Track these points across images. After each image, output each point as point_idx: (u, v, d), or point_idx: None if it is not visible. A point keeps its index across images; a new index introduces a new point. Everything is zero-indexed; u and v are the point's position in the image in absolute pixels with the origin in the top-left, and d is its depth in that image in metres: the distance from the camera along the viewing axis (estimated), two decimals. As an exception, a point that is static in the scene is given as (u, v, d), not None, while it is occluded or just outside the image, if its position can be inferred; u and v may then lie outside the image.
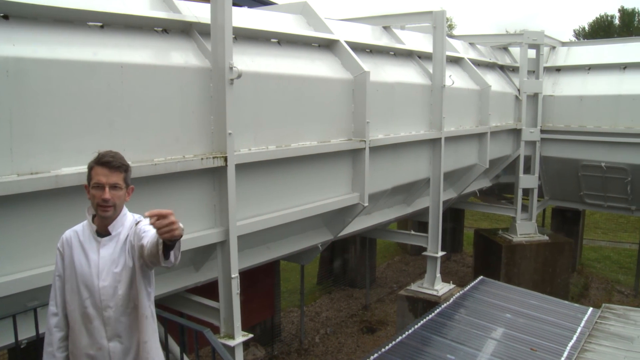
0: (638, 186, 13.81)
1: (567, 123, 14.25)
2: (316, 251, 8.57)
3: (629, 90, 13.44)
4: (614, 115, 13.60)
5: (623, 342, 8.09)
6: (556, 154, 14.50)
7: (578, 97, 14.09)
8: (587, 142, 14.04)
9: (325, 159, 7.34)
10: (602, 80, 14.03)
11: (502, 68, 14.25)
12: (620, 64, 13.93)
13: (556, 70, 14.80)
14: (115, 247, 3.63)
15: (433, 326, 8.33)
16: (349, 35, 8.49)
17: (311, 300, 15.25)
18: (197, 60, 5.62)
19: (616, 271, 18.82)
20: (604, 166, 13.90)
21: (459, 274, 17.54)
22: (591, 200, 15.02)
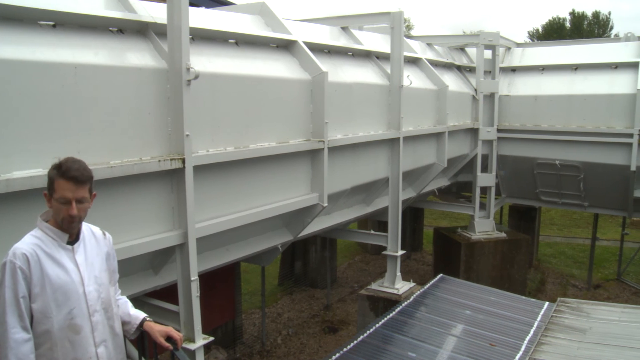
0: (590, 183, 14.16)
1: (523, 122, 14.52)
2: (276, 252, 8.55)
3: (580, 90, 13.78)
4: (567, 115, 13.93)
5: (577, 334, 8.30)
6: (512, 153, 14.76)
7: (533, 97, 14.38)
8: (541, 140, 14.34)
9: (284, 159, 7.32)
10: (555, 81, 14.35)
11: (459, 68, 14.44)
12: (572, 65, 14.27)
13: (512, 71, 15.07)
14: (86, 250, 3.70)
15: (394, 324, 8.38)
16: (307, 35, 8.49)
17: (272, 302, 15.21)
18: (153, 61, 5.55)
19: (571, 266, 19.28)
20: (558, 164, 14.21)
21: (419, 273, 17.71)
22: (546, 197, 15.34)
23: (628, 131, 13.04)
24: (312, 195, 7.85)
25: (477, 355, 7.58)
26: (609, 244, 20.81)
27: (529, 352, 7.68)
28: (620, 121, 13.25)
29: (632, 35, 14.68)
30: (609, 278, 17.93)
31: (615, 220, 22.04)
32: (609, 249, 20.35)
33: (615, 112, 13.30)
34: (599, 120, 13.53)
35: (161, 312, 6.25)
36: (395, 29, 9.84)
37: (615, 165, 13.47)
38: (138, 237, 5.34)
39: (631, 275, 18.00)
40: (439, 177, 13.20)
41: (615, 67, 13.70)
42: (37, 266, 3.45)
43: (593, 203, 14.90)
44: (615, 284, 17.46)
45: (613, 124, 13.36)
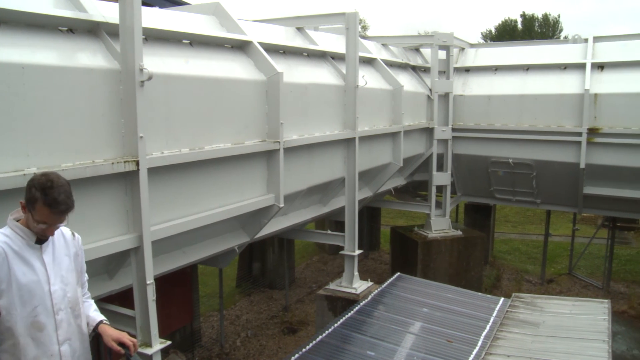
0: (542, 181, 14.50)
1: (477, 121, 14.76)
2: (233, 254, 8.50)
3: (531, 90, 14.09)
4: (519, 114, 14.22)
5: (530, 328, 8.49)
6: (467, 152, 15.00)
7: (486, 97, 14.63)
8: (495, 139, 14.60)
9: (239, 160, 7.28)
10: (507, 81, 14.63)
11: (414, 68, 14.59)
12: (524, 66, 14.58)
13: (465, 71, 15.31)
14: (54, 250, 3.78)
15: (353, 324, 8.41)
16: (262, 36, 8.46)
17: (231, 304, 15.12)
18: (105, 61, 5.45)
19: (525, 262, 19.71)
20: (511, 162, 14.49)
21: (377, 272, 17.83)
22: (501, 195, 15.63)
23: (577, 130, 13.39)
24: (268, 196, 7.82)
25: (435, 352, 7.67)
26: (561, 240, 21.32)
27: (485, 347, 7.81)
28: (570, 120, 13.59)
29: (579, 37, 15.07)
30: (561, 273, 18.39)
31: (567, 216, 22.57)
32: (561, 245, 20.85)
33: (565, 112, 13.64)
34: (550, 119, 13.86)
35: (117, 317, 6.14)
36: (350, 30, 9.88)
37: (566, 163, 13.81)
38: (92, 241, 5.24)
39: (582, 269, 18.50)
40: (395, 177, 13.31)
41: (565, 68, 14.05)
42: (4, 263, 3.52)
43: (545, 200, 15.26)
44: (567, 278, 17.92)
45: (563, 123, 13.70)
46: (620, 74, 13.34)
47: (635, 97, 12.85)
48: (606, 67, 13.57)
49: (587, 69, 13.51)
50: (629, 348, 12.92)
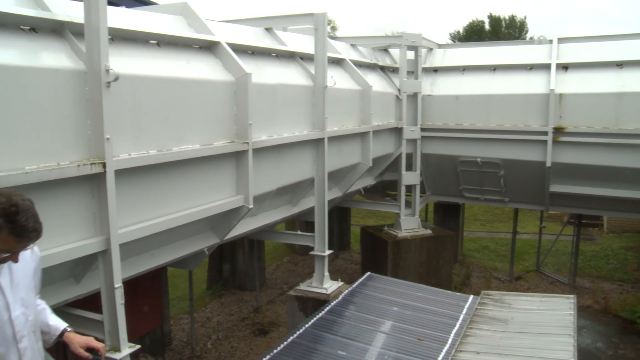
0: (510, 179, 14.69)
1: (445, 121, 14.89)
2: (203, 256, 8.43)
3: (499, 90, 14.27)
4: (487, 113, 14.39)
5: (499, 325, 8.59)
6: (436, 151, 15.13)
7: (454, 97, 14.77)
8: (463, 139, 14.75)
9: (208, 162, 7.23)
10: (475, 81, 14.80)
11: (383, 69, 14.67)
12: (491, 66, 14.76)
13: (434, 71, 15.43)
14: (11, 272, 3.37)
15: (324, 324, 8.41)
16: (230, 36, 8.43)
17: (201, 306, 15.03)
18: (70, 62, 5.36)
19: (494, 259, 19.94)
20: (479, 161, 14.66)
21: (348, 271, 17.87)
22: (469, 194, 15.80)
23: (543, 129, 13.61)
24: (237, 197, 7.78)
25: (406, 350, 7.70)
26: (529, 237, 21.61)
27: (455, 345, 7.88)
28: (536, 120, 13.80)
29: (544, 38, 15.30)
30: (529, 269, 18.66)
31: (534, 214, 22.91)
32: (529, 242, 21.14)
33: (531, 111, 13.85)
34: (517, 118, 14.05)
35: (84, 322, 6.05)
36: (319, 30, 9.87)
37: (533, 161, 14.02)
38: (57, 245, 5.15)
39: (549, 266, 18.80)
40: (364, 177, 13.36)
41: (530, 68, 14.27)
42: None
43: (513, 198, 15.46)
44: (535, 274, 18.20)
45: (530, 123, 13.91)
46: (583, 74, 13.60)
47: (598, 97, 13.12)
48: (570, 67, 13.82)
49: (552, 70, 13.75)
50: (593, 341, 13.22)
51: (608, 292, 16.22)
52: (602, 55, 13.66)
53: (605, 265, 19.27)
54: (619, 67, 13.34)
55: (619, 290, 16.65)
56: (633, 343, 13.20)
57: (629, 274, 18.21)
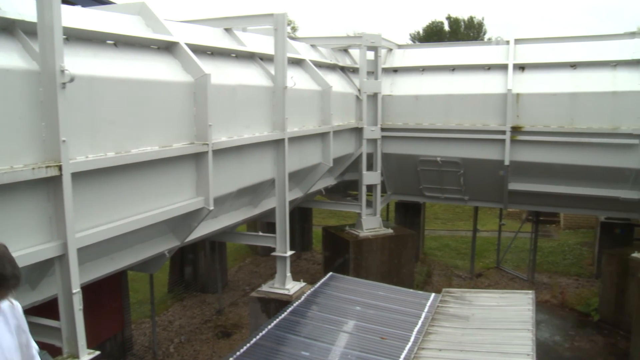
0: (469, 178, 14.89)
1: (405, 121, 15.01)
2: (163, 258, 8.34)
3: (457, 90, 14.46)
4: (446, 113, 14.56)
5: (461, 322, 8.72)
6: (396, 151, 15.23)
7: (414, 97, 14.89)
8: (423, 138, 14.89)
9: (168, 163, 7.15)
10: (434, 81, 14.95)
11: (343, 69, 14.70)
12: (450, 66, 14.94)
13: (393, 71, 15.53)
14: None
15: (286, 325, 8.39)
16: (189, 37, 8.35)
17: (163, 310, 14.85)
18: (23, 62, 5.23)
19: (455, 257, 20.20)
20: (439, 161, 14.81)
21: (310, 272, 17.88)
22: (430, 193, 15.95)
23: (501, 128, 13.84)
24: (197, 199, 7.72)
25: (369, 349, 7.74)
26: (489, 235, 21.93)
27: (417, 343, 7.95)
28: (494, 119, 14.02)
29: (501, 39, 15.55)
30: (489, 267, 18.94)
31: (493, 212, 23.25)
32: (489, 240, 21.45)
33: (490, 111, 14.06)
34: (476, 118, 14.24)
35: (41, 329, 5.91)
36: (279, 31, 9.85)
37: (491, 160, 14.24)
38: (12, 250, 5.01)
39: (508, 263, 19.11)
40: (325, 177, 13.38)
41: (488, 69, 14.48)
42: None
43: (473, 197, 15.68)
44: (495, 271, 18.49)
45: (488, 122, 14.11)
46: (540, 74, 13.88)
47: (554, 97, 13.42)
48: (527, 68, 14.09)
49: (509, 70, 13.98)
50: (551, 335, 13.55)
51: (565, 287, 16.60)
52: (557, 56, 13.97)
53: (562, 261, 19.70)
54: (572, 67, 13.65)
55: (575, 285, 17.05)
56: (588, 335, 13.59)
57: (584, 269, 18.66)
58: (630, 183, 13.38)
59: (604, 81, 13.19)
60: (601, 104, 13.05)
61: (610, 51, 13.62)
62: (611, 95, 12.95)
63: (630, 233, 16.20)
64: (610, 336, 13.48)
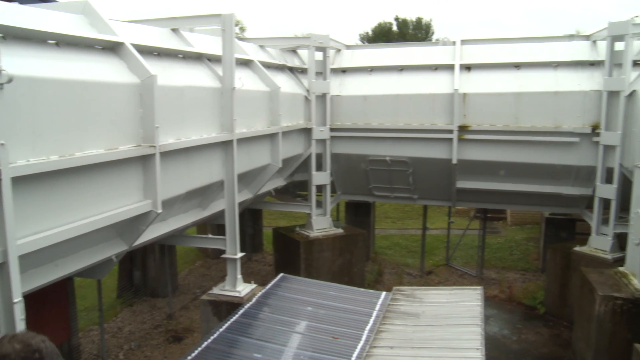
0: (418, 177, 15.08)
1: (354, 121, 15.10)
2: (111, 264, 8.15)
3: (405, 90, 14.62)
4: (395, 113, 14.71)
5: (411, 319, 8.83)
6: (345, 151, 15.31)
7: (363, 97, 14.99)
8: (372, 138, 15.02)
9: (114, 166, 7.01)
10: (383, 81, 15.09)
11: (292, 70, 14.69)
12: (398, 66, 15.09)
13: (342, 72, 15.60)
14: None
15: (238, 327, 8.34)
16: (135, 37, 8.20)
17: (112, 316, 14.56)
18: (-45, 62, 5.04)
19: (405, 255, 20.42)
20: (388, 160, 14.95)
21: (262, 273, 17.82)
22: (379, 192, 16.09)
23: (448, 127, 14.07)
24: (145, 202, 7.59)
25: (322, 349, 7.76)
26: (438, 233, 22.26)
27: (369, 341, 8.02)
28: (442, 118, 14.24)
29: (448, 40, 15.78)
30: (439, 264, 19.23)
31: (442, 210, 23.57)
32: (438, 237, 21.78)
33: (437, 110, 14.28)
34: (424, 117, 14.44)
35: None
36: (227, 31, 9.77)
37: (439, 159, 14.46)
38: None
39: (458, 260, 19.45)
40: (275, 178, 13.35)
41: (436, 69, 14.70)
42: None
43: (422, 195, 15.88)
44: (445, 268, 18.79)
45: (436, 121, 14.32)
46: (485, 74, 14.18)
47: (499, 97, 13.73)
48: (473, 68, 14.36)
49: (455, 70, 14.23)
50: (500, 329, 13.86)
51: (512, 282, 17.00)
52: (502, 57, 14.30)
53: (509, 256, 20.16)
54: (517, 68, 14.00)
55: (522, 280, 17.47)
56: (534, 327, 13.96)
57: (530, 263, 19.14)
58: (572, 179, 13.80)
59: (546, 81, 13.57)
60: (544, 104, 13.42)
61: (551, 52, 14.03)
62: (553, 95, 13.33)
63: (572, 227, 16.68)
64: (554, 327, 13.88)
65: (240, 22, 46.56)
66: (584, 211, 14.54)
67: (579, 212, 14.89)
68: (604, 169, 13.03)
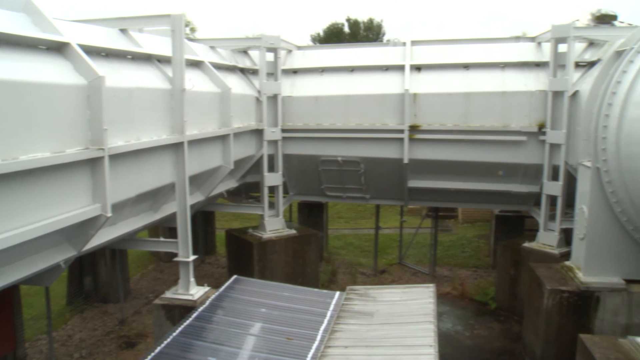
0: (370, 176, 15.19)
1: (306, 122, 15.11)
2: (59, 270, 7.97)
3: (357, 91, 14.71)
4: (346, 113, 14.78)
5: (365, 318, 8.89)
6: (297, 152, 15.31)
7: (314, 97, 15.01)
8: (324, 138, 15.05)
9: (61, 170, 6.84)
10: (334, 82, 15.14)
11: (243, 71, 14.62)
12: (349, 67, 15.17)
13: (293, 73, 15.59)
14: None
15: (192, 331, 8.27)
16: (81, 37, 8.03)
17: (61, 324, 14.21)
18: None
19: (359, 255, 20.55)
20: (340, 160, 15.02)
21: (215, 276, 17.68)
22: (332, 192, 16.14)
23: (399, 127, 14.21)
24: (94, 206, 7.43)
25: (276, 350, 7.76)
26: (391, 232, 22.47)
27: (324, 341, 8.05)
28: (393, 118, 14.37)
29: (398, 40, 15.96)
30: (392, 263, 19.41)
31: (395, 209, 23.83)
32: (391, 236, 21.97)
33: (388, 110, 14.40)
34: (375, 118, 14.55)
35: None
36: (176, 32, 9.66)
37: (391, 159, 14.59)
38: None
39: (411, 258, 19.67)
40: (227, 179, 13.27)
41: (386, 69, 14.83)
42: None
43: (374, 195, 16.00)
44: (398, 267, 18.98)
45: (387, 121, 14.45)
46: (435, 75, 14.37)
47: (449, 97, 13.94)
48: (423, 68, 14.54)
49: (406, 71, 14.39)
50: (453, 325, 14.10)
51: (464, 279, 17.29)
52: (451, 58, 14.54)
53: (461, 254, 20.50)
54: (466, 68, 14.24)
55: (474, 276, 17.79)
56: (486, 322, 14.27)
57: (481, 260, 19.51)
58: (520, 177, 14.13)
59: (494, 82, 13.85)
60: (492, 103, 13.70)
61: (499, 53, 14.34)
62: (501, 95, 13.61)
63: (521, 224, 17.06)
64: (505, 322, 14.19)
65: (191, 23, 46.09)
66: (532, 208, 14.91)
67: (527, 209, 15.24)
68: (550, 166, 13.40)
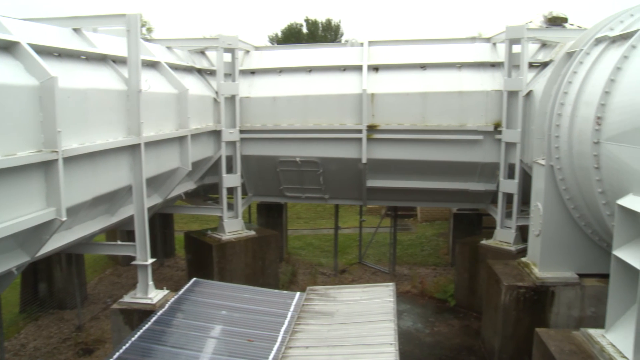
0: (329, 176, 15.25)
1: (264, 122, 15.08)
2: (11, 276, 7.76)
3: (315, 91, 14.75)
4: (304, 114, 14.80)
5: (326, 318, 8.94)
6: (255, 152, 15.28)
7: (272, 98, 15.00)
8: (282, 139, 15.06)
9: (12, 173, 6.66)
10: (292, 82, 15.16)
11: (200, 71, 14.51)
12: (307, 67, 15.20)
13: (251, 73, 15.55)
14: None
15: (151, 335, 8.17)
16: (32, 37, 7.87)
17: (14, 332, 13.86)
18: None
19: (319, 255, 20.60)
20: (298, 161, 15.03)
21: (175, 279, 17.50)
22: (291, 193, 16.15)
23: (357, 127, 14.30)
24: (48, 210, 7.27)
25: (237, 353, 7.73)
26: (350, 232, 22.58)
27: (285, 342, 8.05)
28: (351, 118, 14.45)
29: (355, 41, 16.04)
30: (352, 262, 19.51)
31: (354, 209, 23.97)
32: (351, 236, 22.08)
33: (346, 111, 14.48)
34: (333, 118, 14.60)
35: None
36: (132, 32, 9.53)
37: (349, 158, 14.68)
38: None
39: (371, 257, 19.80)
40: (185, 181, 13.15)
41: (344, 70, 14.90)
42: None
43: (333, 195, 16.06)
44: (358, 266, 19.08)
45: (345, 121, 14.52)
46: (392, 75, 14.50)
47: (406, 97, 14.09)
48: (380, 69, 14.65)
49: (363, 71, 14.48)
50: (413, 323, 14.26)
51: (424, 277, 17.48)
52: (408, 58, 14.69)
53: (420, 252, 20.72)
54: (422, 68, 14.41)
55: (433, 274, 18.00)
56: (446, 319, 14.45)
57: (440, 258, 19.75)
58: (477, 176, 14.35)
59: (451, 81, 14.05)
60: (449, 103, 13.90)
61: (455, 54, 14.55)
62: (458, 95, 13.81)
63: (479, 222, 17.33)
64: (465, 319, 14.39)
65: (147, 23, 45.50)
66: (489, 206, 15.16)
67: (484, 207, 15.49)
68: (506, 165, 13.67)
